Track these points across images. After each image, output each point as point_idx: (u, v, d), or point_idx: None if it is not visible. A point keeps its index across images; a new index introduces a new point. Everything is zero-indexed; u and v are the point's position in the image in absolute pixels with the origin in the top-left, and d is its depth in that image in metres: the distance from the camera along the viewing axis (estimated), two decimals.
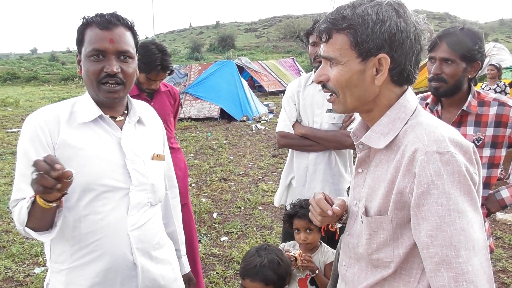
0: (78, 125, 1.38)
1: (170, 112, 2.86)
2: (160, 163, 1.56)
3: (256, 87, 17.54)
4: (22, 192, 1.32)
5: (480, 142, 1.89)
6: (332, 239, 2.26)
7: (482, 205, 1.95)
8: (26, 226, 1.25)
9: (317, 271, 2.04)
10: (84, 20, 1.37)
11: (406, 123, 1.09)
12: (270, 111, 12.87)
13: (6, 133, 9.90)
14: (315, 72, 2.50)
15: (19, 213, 1.26)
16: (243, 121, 11.49)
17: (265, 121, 11.40)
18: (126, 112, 1.51)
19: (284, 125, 2.54)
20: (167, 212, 1.74)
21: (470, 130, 1.90)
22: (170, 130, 2.83)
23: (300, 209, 2.11)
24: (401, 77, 1.08)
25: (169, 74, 2.68)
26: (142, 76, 2.60)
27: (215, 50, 44.74)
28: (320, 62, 2.66)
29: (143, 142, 1.50)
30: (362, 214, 1.15)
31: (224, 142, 8.90)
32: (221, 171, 6.66)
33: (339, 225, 1.42)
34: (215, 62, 14.10)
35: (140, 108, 1.57)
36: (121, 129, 1.45)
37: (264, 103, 13.74)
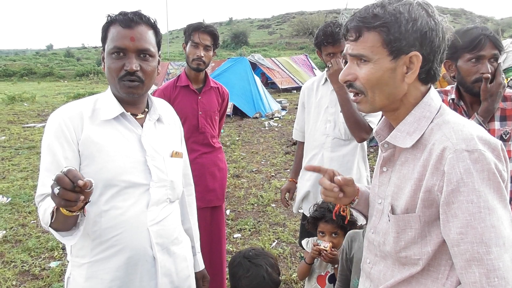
0: (101, 122, 1.42)
1: (216, 110, 2.77)
2: (178, 161, 1.58)
3: (269, 84, 17.49)
4: (48, 188, 1.31)
5: (508, 135, 1.89)
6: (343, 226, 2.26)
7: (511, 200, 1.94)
8: (49, 226, 1.26)
9: (337, 265, 2.06)
10: (108, 18, 1.41)
11: (431, 121, 1.09)
12: (283, 108, 12.83)
13: (22, 128, 10.05)
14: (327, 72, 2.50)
15: (44, 214, 1.27)
16: (256, 118, 11.48)
17: (278, 118, 11.37)
18: (146, 110, 1.54)
19: (294, 130, 2.83)
20: (183, 209, 1.76)
21: (497, 125, 1.91)
22: (213, 128, 2.75)
23: (328, 213, 2.09)
24: (429, 75, 1.09)
25: (215, 44, 2.61)
26: (188, 46, 2.58)
27: (228, 47, 44.68)
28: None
29: (163, 140, 1.53)
30: (389, 213, 1.16)
31: (237, 139, 8.90)
32: (234, 168, 6.66)
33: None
34: (228, 58, 14.10)
35: (160, 106, 1.60)
36: (142, 126, 1.48)
37: (277, 100, 13.70)
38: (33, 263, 3.69)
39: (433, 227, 1.08)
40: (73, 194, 1.02)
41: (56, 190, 1.02)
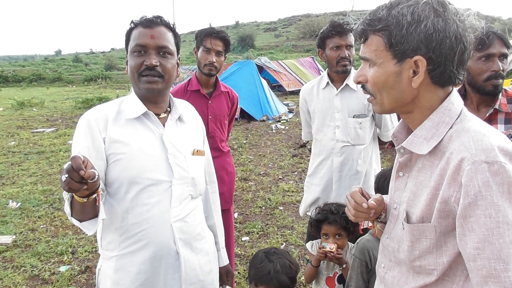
0: (125, 123, 1.50)
1: (226, 114, 2.77)
2: (200, 158, 1.65)
3: (276, 87, 17.47)
4: None
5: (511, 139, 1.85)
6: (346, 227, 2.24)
7: None
8: (72, 216, 1.34)
9: (344, 265, 2.07)
10: (132, 24, 1.53)
11: (450, 127, 1.04)
12: (290, 111, 12.82)
13: (31, 133, 10.14)
14: (329, 75, 2.49)
15: (66, 205, 1.35)
16: (263, 120, 11.47)
17: (285, 121, 11.36)
18: (169, 109, 1.61)
19: (304, 134, 2.77)
20: (207, 206, 1.83)
21: (501, 128, 1.87)
22: (223, 133, 2.75)
23: (331, 215, 2.08)
24: (442, 78, 1.03)
25: (226, 50, 2.63)
26: (200, 51, 2.58)
27: (235, 50, 44.72)
28: (345, 66, 2.64)
29: (184, 138, 1.60)
30: (403, 221, 1.12)
31: (244, 142, 8.91)
32: (242, 171, 6.66)
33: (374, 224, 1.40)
34: (235, 62, 14.11)
35: (181, 106, 1.67)
36: (164, 125, 1.55)
37: (284, 102, 13.69)
38: (42, 267, 3.71)
39: (449, 237, 1.03)
40: (76, 184, 1.10)
41: (63, 178, 1.10)
